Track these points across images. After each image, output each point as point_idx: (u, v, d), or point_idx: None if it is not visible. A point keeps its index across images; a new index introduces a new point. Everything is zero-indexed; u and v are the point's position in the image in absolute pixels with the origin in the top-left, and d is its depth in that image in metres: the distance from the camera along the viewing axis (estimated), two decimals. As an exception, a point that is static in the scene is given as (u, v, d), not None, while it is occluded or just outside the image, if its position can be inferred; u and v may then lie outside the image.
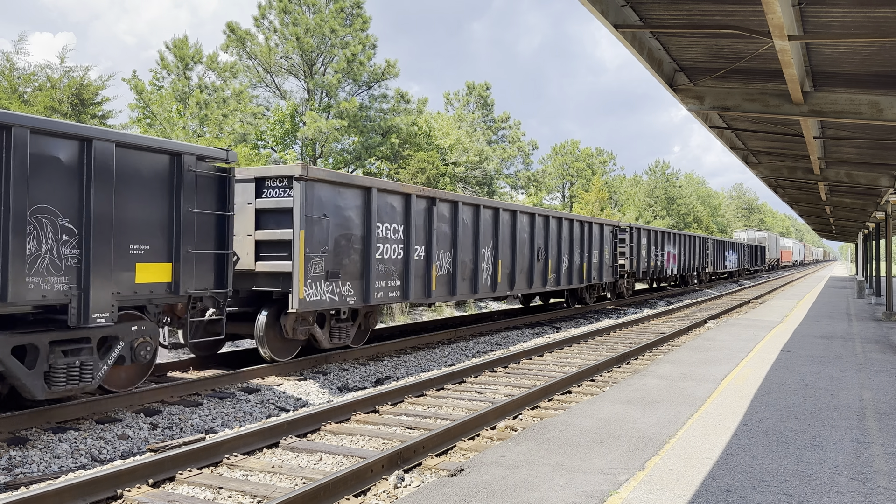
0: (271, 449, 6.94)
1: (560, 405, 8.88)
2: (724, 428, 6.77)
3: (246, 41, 28.39)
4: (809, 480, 5.29)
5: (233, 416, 8.31)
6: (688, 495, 4.93)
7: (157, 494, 5.58)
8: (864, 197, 21.41)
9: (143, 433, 7.49)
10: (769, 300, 27.69)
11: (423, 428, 7.67)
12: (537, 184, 53.19)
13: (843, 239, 58.18)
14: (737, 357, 11.31)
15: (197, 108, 24.09)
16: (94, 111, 19.42)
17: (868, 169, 16.08)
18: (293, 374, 10.49)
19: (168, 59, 25.28)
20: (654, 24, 8.09)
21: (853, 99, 9.47)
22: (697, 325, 18.15)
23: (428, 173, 29.12)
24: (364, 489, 5.70)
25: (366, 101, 30.71)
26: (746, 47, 8.44)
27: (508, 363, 11.94)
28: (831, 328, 16.11)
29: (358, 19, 29.51)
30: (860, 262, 37.68)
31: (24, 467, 6.35)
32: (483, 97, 48.76)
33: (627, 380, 9.33)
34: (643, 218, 57.98)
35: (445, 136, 35.56)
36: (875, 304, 25.55)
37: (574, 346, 14.38)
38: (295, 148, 29.94)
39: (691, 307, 24.97)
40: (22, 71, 18.59)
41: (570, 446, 6.13)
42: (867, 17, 7.14)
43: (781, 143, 14.48)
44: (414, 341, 13.83)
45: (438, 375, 10.09)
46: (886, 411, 7.61)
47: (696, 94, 10.32)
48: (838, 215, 30.78)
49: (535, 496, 4.90)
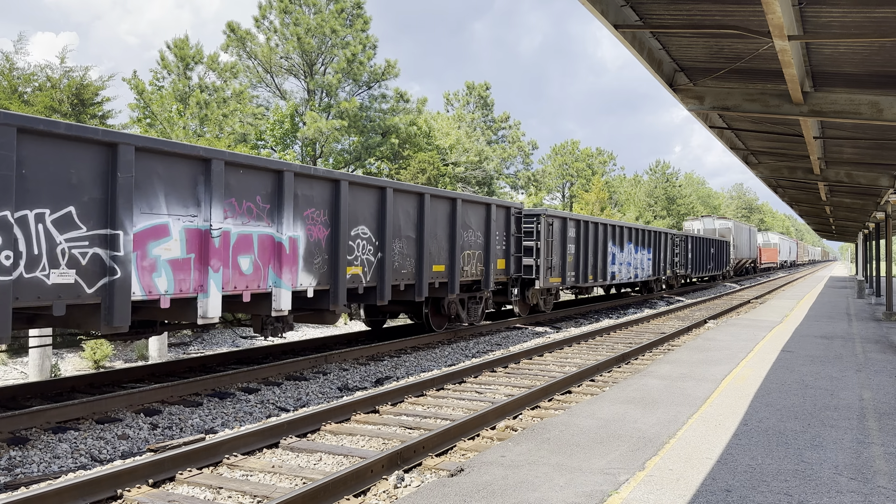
0: (271, 449, 6.94)
1: (560, 405, 8.88)
2: (724, 428, 6.77)
3: (246, 41, 28.39)
4: (809, 480, 5.29)
5: (233, 416, 8.31)
6: (688, 495, 4.93)
7: (157, 494, 5.58)
8: (864, 197, 21.41)
9: (143, 433, 7.49)
10: (769, 300, 27.70)
11: (423, 428, 7.67)
12: (537, 184, 53.18)
13: (843, 239, 58.15)
14: (737, 357, 11.31)
15: (197, 108, 24.08)
16: (94, 111, 19.41)
17: (868, 169, 16.08)
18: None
19: (168, 58, 25.28)
20: (654, 24, 8.08)
21: (853, 99, 9.47)
22: (697, 325, 18.15)
23: (428, 174, 29.12)
24: (364, 489, 5.70)
25: (366, 101, 30.72)
26: (746, 47, 8.44)
27: (508, 363, 11.94)
28: (831, 328, 16.11)
29: (358, 20, 29.51)
30: (860, 262, 37.68)
31: (24, 467, 6.35)
32: (483, 97, 48.76)
33: (627, 380, 9.33)
34: (643, 218, 57.95)
35: (445, 137, 35.56)
36: (875, 304, 25.55)
37: (574, 346, 14.38)
38: (295, 148, 29.95)
39: (691, 307, 24.97)
40: (22, 71, 18.58)
41: (570, 446, 6.13)
42: (867, 17, 7.14)
43: (781, 143, 14.48)
44: (414, 341, 13.83)
45: (438, 375, 10.09)
46: (886, 411, 7.61)
47: (696, 94, 10.32)
48: (838, 215, 30.78)
49: (535, 496, 4.90)
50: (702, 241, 37.13)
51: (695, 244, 35.19)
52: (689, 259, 33.63)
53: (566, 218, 19.57)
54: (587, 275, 20.81)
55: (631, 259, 24.84)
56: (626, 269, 24.52)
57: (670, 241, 30.39)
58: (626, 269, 24.42)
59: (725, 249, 44.03)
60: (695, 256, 35.01)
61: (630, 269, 24.87)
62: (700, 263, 36.18)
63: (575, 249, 20.08)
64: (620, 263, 23.79)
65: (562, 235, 19.17)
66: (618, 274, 23.49)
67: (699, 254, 36.07)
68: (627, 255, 24.60)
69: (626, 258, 24.43)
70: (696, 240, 35.48)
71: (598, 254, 21.80)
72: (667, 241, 29.88)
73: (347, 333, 14.71)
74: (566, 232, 19.40)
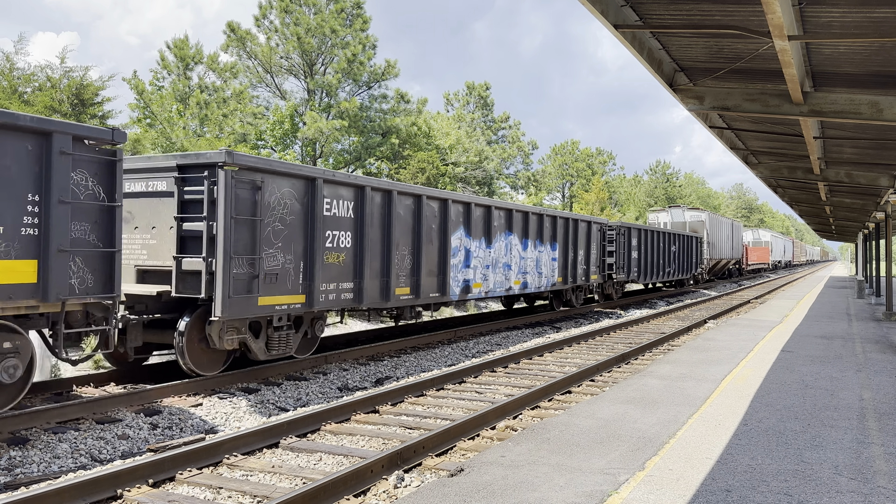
0: (271, 449, 6.94)
1: (560, 405, 8.88)
2: (724, 428, 6.77)
3: (246, 41, 28.40)
4: (809, 480, 5.29)
5: (233, 416, 8.31)
6: (688, 495, 4.93)
7: (157, 494, 5.58)
8: (863, 197, 21.40)
9: (143, 433, 7.49)
10: (769, 300, 27.69)
11: (423, 428, 7.67)
12: (537, 184, 53.19)
13: (843, 239, 58.11)
14: (737, 357, 11.31)
15: (197, 108, 24.10)
16: (94, 111, 19.41)
17: (868, 169, 16.07)
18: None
19: (168, 59, 25.29)
20: (653, 24, 8.08)
21: (853, 99, 9.47)
22: (697, 326, 18.16)
23: (428, 173, 29.13)
24: (364, 489, 5.70)
25: (366, 102, 30.72)
26: (746, 47, 8.43)
27: (508, 363, 11.94)
28: (831, 328, 16.11)
29: (358, 19, 29.52)
30: (860, 262, 37.67)
31: (24, 467, 6.35)
32: (483, 97, 48.76)
33: (627, 380, 9.33)
34: (643, 218, 57.89)
35: (445, 137, 35.56)
36: (875, 304, 25.55)
37: (574, 346, 14.38)
38: (295, 148, 29.95)
39: (691, 307, 24.97)
40: (22, 71, 18.58)
41: (570, 446, 6.13)
42: (867, 17, 7.14)
43: (781, 143, 14.48)
44: (414, 341, 13.83)
45: (438, 375, 10.09)
46: (886, 411, 7.61)
47: (695, 94, 10.32)
48: (838, 215, 30.77)
49: (535, 496, 4.90)
50: (657, 236, 28.15)
51: (647, 240, 26.76)
52: (635, 259, 25.22)
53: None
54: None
55: (537, 258, 18.24)
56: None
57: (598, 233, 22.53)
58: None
59: (696, 247, 35.48)
60: (647, 256, 26.71)
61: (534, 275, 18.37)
62: (654, 265, 27.69)
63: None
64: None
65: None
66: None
67: (655, 253, 27.71)
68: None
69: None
70: (647, 234, 26.89)
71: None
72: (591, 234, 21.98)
73: (346, 333, 14.71)
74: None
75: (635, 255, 25.16)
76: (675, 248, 31.29)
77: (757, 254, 60.67)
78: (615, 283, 24.42)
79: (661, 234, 29.00)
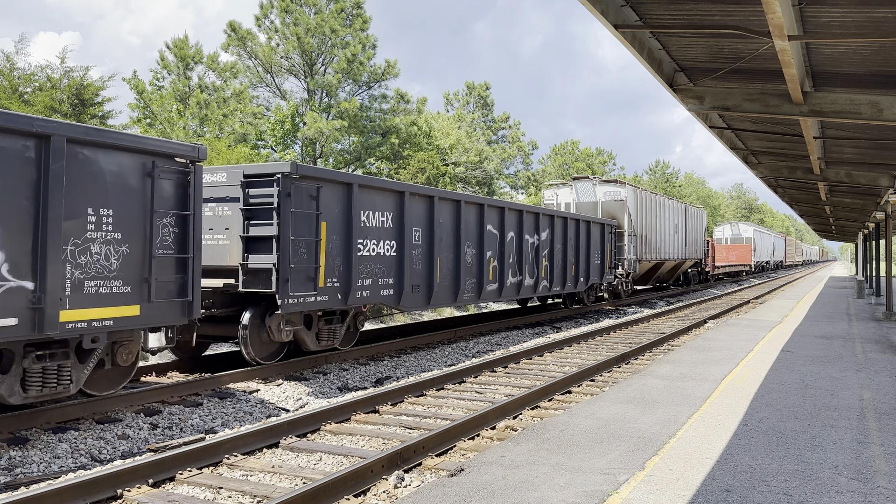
0: (271, 449, 6.94)
1: (560, 405, 8.88)
2: (724, 428, 6.77)
3: (247, 41, 28.40)
4: (809, 480, 5.29)
5: (233, 416, 8.31)
6: (688, 495, 4.93)
7: (157, 494, 5.58)
8: (863, 197, 21.41)
9: (143, 433, 7.49)
10: (769, 300, 27.70)
11: (423, 428, 7.67)
12: (537, 184, 53.17)
13: (843, 239, 58.11)
14: (737, 357, 11.31)
15: (197, 108, 24.10)
16: (94, 111, 19.41)
17: (868, 169, 16.08)
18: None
19: (168, 58, 25.29)
20: (653, 24, 8.08)
21: (853, 99, 9.47)
22: (697, 325, 18.16)
23: (428, 173, 29.13)
24: (364, 489, 5.70)
25: (366, 102, 30.73)
26: (746, 47, 8.43)
27: (508, 363, 11.94)
28: (831, 328, 16.11)
29: (358, 19, 29.52)
30: (860, 262, 37.67)
31: (24, 467, 6.35)
32: (483, 97, 48.78)
33: (627, 380, 9.33)
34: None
35: (445, 136, 35.56)
36: (875, 304, 25.55)
37: (574, 346, 14.38)
38: (295, 148, 29.96)
39: (691, 307, 24.98)
40: (22, 71, 18.58)
41: (570, 446, 6.13)
42: (867, 17, 7.14)
43: (781, 143, 14.48)
44: (414, 341, 13.83)
45: (438, 375, 10.09)
46: (886, 411, 7.61)
47: (696, 94, 10.32)
48: (838, 215, 30.77)
49: (535, 496, 4.90)
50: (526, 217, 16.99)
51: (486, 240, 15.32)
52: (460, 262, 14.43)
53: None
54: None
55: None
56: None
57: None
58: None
59: (607, 242, 22.77)
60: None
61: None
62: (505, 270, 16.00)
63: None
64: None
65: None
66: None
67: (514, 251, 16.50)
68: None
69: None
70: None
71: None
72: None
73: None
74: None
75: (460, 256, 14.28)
76: (560, 246, 19.06)
77: (734, 253, 47.80)
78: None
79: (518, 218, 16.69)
